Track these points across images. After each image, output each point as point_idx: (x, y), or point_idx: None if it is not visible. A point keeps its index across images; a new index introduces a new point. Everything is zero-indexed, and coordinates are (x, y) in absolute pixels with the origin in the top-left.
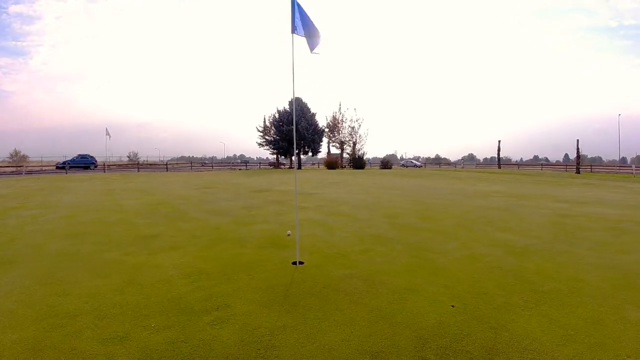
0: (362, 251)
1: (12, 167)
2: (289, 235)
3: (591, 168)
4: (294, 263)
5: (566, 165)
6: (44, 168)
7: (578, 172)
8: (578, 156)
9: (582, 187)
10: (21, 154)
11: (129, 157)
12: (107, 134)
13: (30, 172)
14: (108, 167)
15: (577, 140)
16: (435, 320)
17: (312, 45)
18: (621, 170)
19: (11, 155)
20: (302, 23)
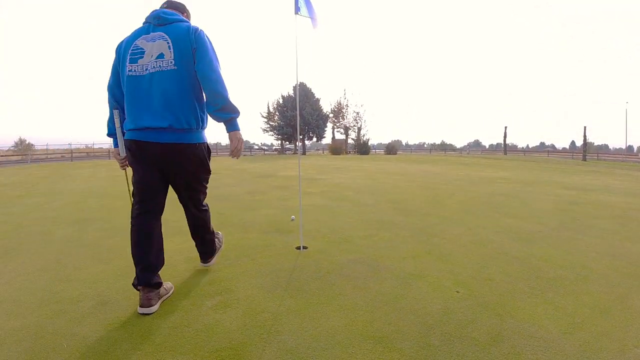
0: (367, 236)
1: (17, 155)
2: (292, 220)
3: (597, 156)
4: (298, 248)
5: (573, 153)
6: (49, 156)
7: (584, 159)
8: (585, 143)
9: (588, 175)
10: (26, 142)
11: None
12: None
13: (35, 160)
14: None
15: (585, 127)
16: (440, 306)
17: (314, 24)
18: (627, 159)
19: (16, 143)
20: (305, 2)
